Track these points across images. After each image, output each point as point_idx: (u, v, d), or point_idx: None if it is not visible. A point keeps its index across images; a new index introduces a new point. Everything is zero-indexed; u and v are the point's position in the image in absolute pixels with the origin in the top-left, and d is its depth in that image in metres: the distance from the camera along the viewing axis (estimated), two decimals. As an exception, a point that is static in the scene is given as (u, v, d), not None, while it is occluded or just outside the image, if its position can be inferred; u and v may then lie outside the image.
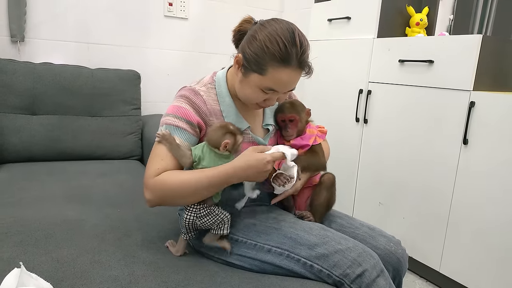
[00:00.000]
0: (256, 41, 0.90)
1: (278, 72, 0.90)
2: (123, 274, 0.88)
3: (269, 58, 0.89)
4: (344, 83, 2.01)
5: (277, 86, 0.93)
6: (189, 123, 0.96)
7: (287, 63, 0.89)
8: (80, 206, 1.25)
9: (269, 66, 0.89)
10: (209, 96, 1.01)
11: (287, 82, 0.93)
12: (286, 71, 0.90)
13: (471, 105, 1.46)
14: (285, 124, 1.08)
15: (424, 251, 1.69)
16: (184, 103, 0.97)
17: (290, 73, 0.91)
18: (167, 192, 0.91)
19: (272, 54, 0.88)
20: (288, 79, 0.92)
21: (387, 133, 1.81)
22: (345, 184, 2.03)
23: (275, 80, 0.91)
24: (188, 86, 1.02)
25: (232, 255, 0.98)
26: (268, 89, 0.93)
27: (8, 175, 1.52)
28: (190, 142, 0.96)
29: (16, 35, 1.87)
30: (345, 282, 0.87)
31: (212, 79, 1.04)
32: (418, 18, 1.91)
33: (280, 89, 0.94)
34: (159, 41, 2.28)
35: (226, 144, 0.90)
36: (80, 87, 1.82)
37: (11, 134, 1.67)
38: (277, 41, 0.88)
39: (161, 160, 0.93)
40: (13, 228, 1.06)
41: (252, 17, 0.99)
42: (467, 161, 1.50)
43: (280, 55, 0.88)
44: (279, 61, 0.89)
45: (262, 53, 0.89)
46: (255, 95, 0.95)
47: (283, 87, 0.94)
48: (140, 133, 2.00)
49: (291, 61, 0.89)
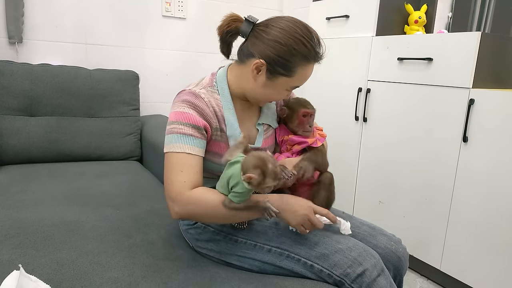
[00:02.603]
0: (282, 46, 0.90)
1: (305, 70, 0.95)
2: (123, 276, 0.87)
3: (298, 58, 0.92)
4: (343, 82, 2.00)
5: (302, 82, 0.98)
6: (196, 127, 0.92)
7: (312, 60, 0.95)
8: (79, 208, 1.25)
9: (298, 66, 0.93)
10: (210, 98, 0.98)
11: (309, 76, 0.98)
12: (310, 67, 0.96)
13: (471, 103, 1.46)
14: (307, 119, 1.08)
15: (424, 249, 1.69)
16: (187, 107, 0.93)
17: (312, 67, 0.97)
18: (199, 210, 0.89)
19: (300, 54, 0.92)
20: (311, 73, 0.98)
21: (386, 131, 1.81)
22: (345, 183, 2.02)
23: (302, 77, 0.96)
24: (187, 89, 0.98)
25: (232, 256, 0.98)
26: (294, 88, 0.99)
27: (7, 177, 1.51)
28: (201, 147, 0.93)
29: (14, 37, 1.87)
30: (346, 282, 0.87)
31: (212, 81, 1.02)
32: (417, 16, 1.90)
33: (303, 84, 0.99)
34: (158, 41, 2.28)
35: (250, 178, 0.80)
36: (78, 88, 1.81)
37: (10, 135, 1.67)
38: (302, 41, 0.91)
39: (181, 171, 0.89)
40: (12, 230, 1.06)
41: (239, 15, 0.99)
42: (467, 159, 1.50)
43: (308, 54, 0.93)
44: (308, 60, 0.93)
45: (290, 56, 0.91)
46: (279, 96, 1.00)
47: (305, 81, 0.99)
48: (139, 133, 1.99)
49: (314, 57, 0.95)
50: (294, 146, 1.08)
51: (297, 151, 1.08)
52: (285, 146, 1.11)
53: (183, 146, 0.90)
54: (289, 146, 1.10)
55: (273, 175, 0.82)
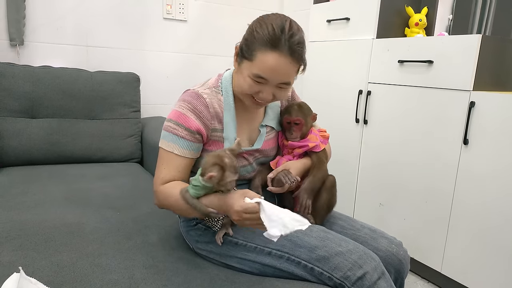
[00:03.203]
0: (248, 28, 0.93)
1: (265, 56, 0.88)
2: (123, 278, 0.87)
3: (258, 42, 0.89)
4: (344, 84, 2.01)
5: (265, 72, 0.90)
6: (189, 131, 0.95)
7: (275, 47, 0.87)
8: (79, 209, 1.25)
9: (257, 50, 0.89)
10: (212, 99, 0.99)
11: (275, 68, 0.89)
12: (273, 55, 0.88)
13: (471, 105, 1.46)
14: (289, 126, 1.08)
15: (425, 252, 1.69)
16: (185, 108, 0.96)
17: (278, 58, 0.88)
18: (169, 203, 0.95)
19: (260, 37, 0.88)
20: (276, 64, 0.88)
21: (387, 133, 1.81)
22: (345, 185, 2.02)
23: (262, 65, 0.89)
24: (191, 89, 1.00)
25: (232, 258, 0.98)
26: (257, 77, 0.91)
27: (8, 178, 1.51)
28: (190, 149, 0.96)
29: (15, 39, 1.87)
30: (346, 285, 0.86)
31: (218, 81, 1.03)
32: (417, 19, 1.91)
33: (268, 76, 0.90)
34: (158, 43, 2.28)
35: (211, 176, 0.81)
36: (79, 90, 1.82)
37: (11, 137, 1.67)
38: (267, 25, 0.89)
39: (164, 168, 0.97)
40: (12, 232, 1.06)
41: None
42: (468, 162, 1.50)
43: (268, 38, 0.88)
44: (266, 44, 0.88)
45: (251, 38, 0.90)
46: (246, 86, 0.94)
47: (271, 74, 0.90)
48: (140, 135, 1.99)
49: (278, 45, 0.87)
50: (295, 149, 1.08)
51: (298, 154, 1.08)
52: (286, 149, 1.11)
53: (173, 146, 0.96)
54: (290, 150, 1.10)
55: (232, 169, 0.84)
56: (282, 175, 1.00)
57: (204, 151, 1.01)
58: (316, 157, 1.08)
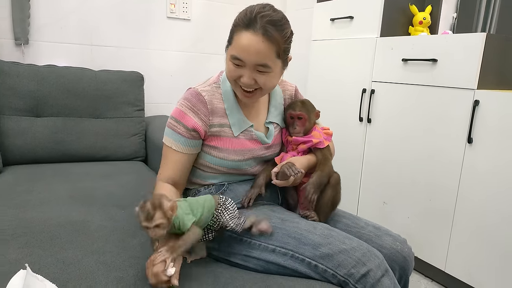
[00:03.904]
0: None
1: (239, 36, 0.94)
2: (128, 275, 0.88)
3: (235, 25, 0.96)
4: (347, 83, 2.00)
5: (239, 52, 0.94)
6: (186, 127, 1.02)
7: (248, 26, 0.93)
8: (84, 208, 1.25)
9: (234, 33, 0.96)
10: (212, 95, 1.04)
11: (247, 46, 0.93)
12: (246, 34, 0.93)
13: (476, 104, 1.45)
14: (293, 121, 1.10)
15: (429, 250, 1.68)
16: (184, 106, 1.03)
17: (250, 36, 0.92)
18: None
19: (236, 20, 0.96)
20: (248, 43, 0.92)
21: (390, 132, 1.81)
22: (349, 183, 2.02)
23: (236, 45, 0.95)
24: (193, 87, 1.06)
25: (236, 255, 0.98)
26: (234, 58, 0.96)
27: (13, 177, 1.52)
28: (186, 145, 1.03)
29: (20, 38, 1.88)
30: (350, 282, 0.87)
31: (218, 78, 1.09)
32: (421, 17, 1.90)
33: (243, 56, 0.94)
34: (162, 42, 2.29)
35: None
36: (83, 89, 1.83)
37: (16, 136, 1.68)
38: (245, 10, 0.95)
39: (164, 163, 1.06)
40: (18, 229, 1.07)
41: None
42: (472, 160, 1.49)
43: (242, 19, 0.94)
44: (241, 26, 0.94)
45: (232, 25, 0.98)
46: (230, 72, 0.99)
47: (244, 53, 0.93)
48: (144, 134, 2.00)
49: (251, 24, 0.92)
50: (300, 145, 1.09)
51: (302, 150, 1.09)
52: (291, 145, 1.12)
53: (173, 142, 1.03)
54: (294, 146, 1.11)
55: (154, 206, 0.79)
56: (286, 167, 1.01)
57: (210, 148, 1.06)
58: (321, 153, 1.09)
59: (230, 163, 1.07)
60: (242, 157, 1.07)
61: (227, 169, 1.08)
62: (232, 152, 1.06)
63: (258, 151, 1.10)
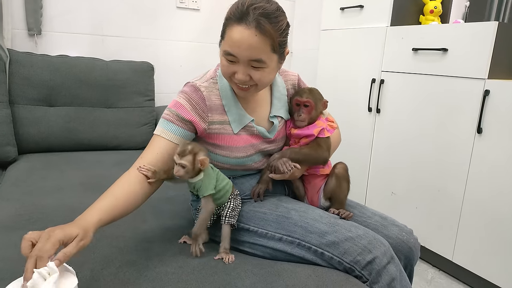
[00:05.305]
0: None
1: (232, 30, 0.89)
2: (140, 259, 0.91)
3: (227, 19, 0.92)
4: (357, 73, 2.00)
5: (231, 47, 0.90)
6: (182, 118, 0.97)
7: (240, 20, 0.88)
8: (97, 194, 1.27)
9: (227, 27, 0.92)
10: (210, 91, 1.01)
11: (240, 41, 0.88)
12: (238, 28, 0.88)
13: (486, 94, 1.44)
14: (299, 108, 1.07)
15: (436, 240, 1.69)
16: (182, 98, 0.99)
17: (242, 30, 0.88)
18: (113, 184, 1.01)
19: (228, 14, 0.91)
20: (240, 37, 0.88)
21: (400, 122, 1.80)
22: (357, 173, 2.03)
23: (229, 40, 0.90)
24: (191, 82, 1.03)
25: (244, 243, 1.01)
26: (227, 54, 0.92)
27: (28, 165, 1.57)
28: (177, 134, 0.97)
29: (33, 28, 1.91)
30: (356, 269, 0.88)
31: (215, 72, 1.05)
32: (432, 6, 1.88)
33: (235, 51, 0.89)
34: (172, 32, 2.30)
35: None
36: (95, 79, 1.86)
37: (30, 125, 1.72)
38: (237, 3, 0.91)
39: (148, 149, 1.01)
40: (34, 215, 1.11)
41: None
42: (481, 151, 1.49)
43: (234, 13, 0.90)
44: (233, 19, 0.90)
45: (224, 18, 0.93)
46: (223, 68, 0.95)
47: (237, 48, 0.89)
48: (154, 123, 2.03)
49: (242, 18, 0.88)
50: (302, 139, 1.09)
51: (305, 143, 1.08)
52: (293, 139, 1.11)
53: (162, 130, 0.98)
54: (296, 140, 1.10)
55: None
56: (280, 163, 1.01)
57: (212, 146, 1.03)
58: (315, 140, 1.07)
59: (234, 160, 1.05)
60: (245, 153, 1.05)
61: (231, 165, 1.06)
62: (234, 150, 1.03)
63: (261, 146, 1.07)
